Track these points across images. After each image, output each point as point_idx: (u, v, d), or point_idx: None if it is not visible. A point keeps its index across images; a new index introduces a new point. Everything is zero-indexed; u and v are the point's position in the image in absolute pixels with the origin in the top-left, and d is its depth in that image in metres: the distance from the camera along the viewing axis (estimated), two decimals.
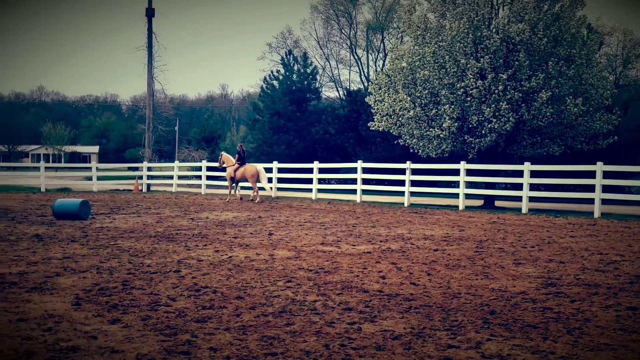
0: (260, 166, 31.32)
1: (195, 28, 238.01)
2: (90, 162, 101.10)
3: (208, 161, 42.77)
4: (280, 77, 55.21)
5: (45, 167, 40.41)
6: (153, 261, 12.65)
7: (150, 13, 44.81)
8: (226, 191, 35.25)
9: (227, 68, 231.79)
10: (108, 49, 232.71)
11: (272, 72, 56.50)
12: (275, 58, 62.30)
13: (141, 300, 9.35)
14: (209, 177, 39.78)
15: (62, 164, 79.06)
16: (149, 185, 41.82)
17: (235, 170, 30.92)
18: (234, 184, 31.73)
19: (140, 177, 41.83)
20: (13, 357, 6.72)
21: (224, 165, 31.56)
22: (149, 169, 42.73)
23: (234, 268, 11.94)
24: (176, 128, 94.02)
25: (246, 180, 31.36)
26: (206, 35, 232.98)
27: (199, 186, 39.56)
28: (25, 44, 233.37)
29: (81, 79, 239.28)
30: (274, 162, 36.18)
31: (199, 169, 41.29)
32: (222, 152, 32.65)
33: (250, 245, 15.04)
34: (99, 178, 42.31)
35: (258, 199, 30.36)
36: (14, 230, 17.56)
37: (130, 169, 62.35)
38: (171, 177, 42.14)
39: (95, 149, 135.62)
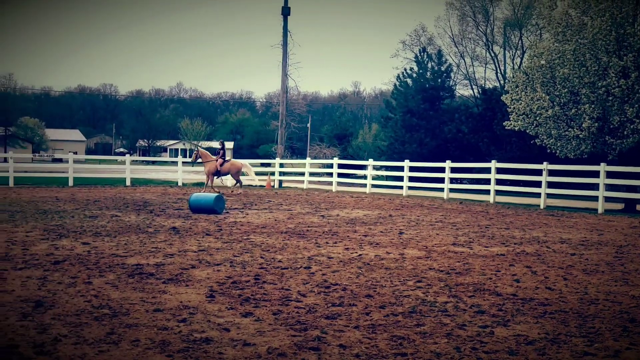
0: (245, 161, 34.03)
1: (329, 26, 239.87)
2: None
3: (340, 158, 42.96)
4: (414, 75, 54.78)
5: (183, 162, 41.69)
6: (284, 257, 12.78)
7: (285, 12, 45.42)
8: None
9: (359, 65, 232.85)
10: (244, 47, 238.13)
11: (405, 69, 56.14)
12: (409, 56, 61.76)
13: (272, 294, 9.44)
14: (340, 175, 39.98)
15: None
16: (280, 182, 42.38)
17: (220, 165, 31.79)
18: (216, 178, 33.06)
19: (273, 173, 42.45)
20: (149, 346, 6.90)
21: (199, 160, 32.34)
22: (281, 165, 43.31)
23: (364, 266, 11.91)
24: (308, 125, 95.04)
25: (227, 174, 32.77)
26: (339, 33, 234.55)
27: (330, 183, 39.77)
28: (166, 43, 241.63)
29: (218, 76, 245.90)
30: (405, 160, 35.95)
31: (330, 166, 41.53)
32: (199, 148, 33.58)
33: (380, 244, 14.98)
34: None
35: (241, 190, 32.67)
36: (152, 223, 18.14)
37: (263, 165, 63.47)
38: (302, 174, 42.60)
39: (229, 144, 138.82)
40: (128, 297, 9.05)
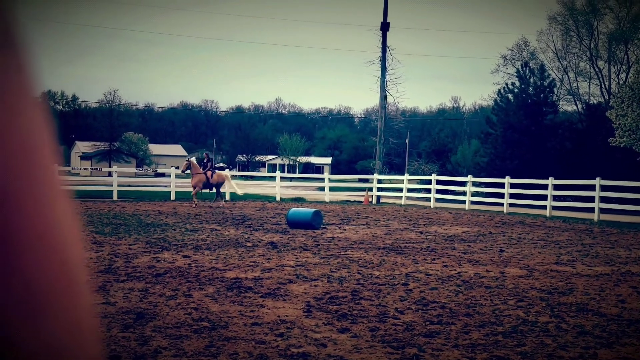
0: (228, 173, 34.05)
1: (428, 40, 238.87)
2: (322, 173, 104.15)
3: (438, 175, 42.55)
4: (515, 90, 53.96)
5: (281, 177, 42.07)
6: (381, 273, 12.71)
7: (384, 27, 45.41)
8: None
9: (459, 80, 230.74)
10: (343, 63, 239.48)
11: (506, 84, 55.38)
12: (510, 70, 60.85)
13: (369, 311, 9.39)
14: (438, 191, 39.58)
15: (296, 174, 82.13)
16: (378, 197, 42.26)
17: (210, 176, 31.14)
18: (209, 190, 32.14)
19: (370, 189, 42.36)
20: (248, 359, 6.95)
21: (188, 172, 31.55)
22: (379, 181, 43.17)
23: (463, 284, 11.73)
24: (406, 141, 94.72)
25: (215, 185, 31.81)
26: (439, 47, 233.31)
27: (428, 199, 39.41)
28: (265, 60, 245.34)
29: (317, 92, 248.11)
30: (506, 177, 35.36)
31: (429, 182, 41.19)
32: (191, 159, 32.74)
33: (480, 262, 14.74)
34: (331, 189, 43.37)
35: (223, 202, 32.10)
36: (251, 237, 18.34)
37: (360, 180, 63.56)
38: (400, 190, 42.36)
39: (327, 160, 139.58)
40: (227, 310, 9.14)
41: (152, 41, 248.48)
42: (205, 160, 31.88)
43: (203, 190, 31.69)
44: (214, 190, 31.94)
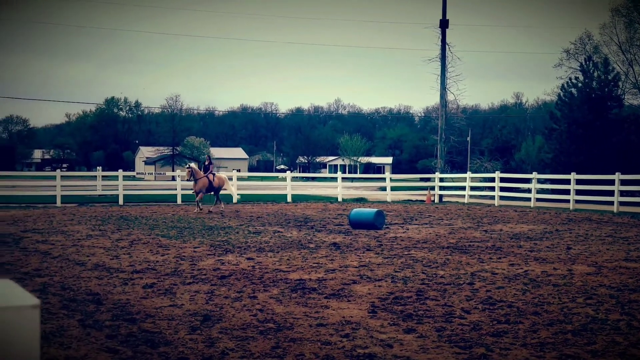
0: (226, 175, 33.09)
1: (488, 36, 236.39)
2: (383, 173, 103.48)
3: (502, 172, 42.01)
4: (579, 85, 53.03)
5: (342, 178, 42.05)
6: (446, 272, 12.61)
7: (444, 25, 45.07)
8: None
9: (521, 76, 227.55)
10: (402, 61, 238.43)
11: (570, 79, 54.45)
12: (573, 65, 59.93)
13: (435, 311, 9.31)
14: (502, 189, 39.09)
15: (357, 175, 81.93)
16: (441, 196, 41.94)
17: (212, 180, 30.00)
18: (210, 193, 31.03)
19: (432, 188, 42.07)
20: None
21: (191, 178, 29.95)
22: (441, 179, 42.87)
23: (530, 282, 11.56)
24: (468, 138, 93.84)
25: (217, 189, 30.69)
26: (499, 43, 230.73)
27: (492, 197, 38.97)
28: (323, 61, 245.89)
29: (376, 91, 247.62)
30: (571, 173, 34.78)
31: (492, 179, 40.71)
32: (191, 164, 31.48)
33: (547, 259, 14.50)
34: (392, 189, 43.17)
35: (222, 206, 30.82)
36: (313, 239, 18.36)
37: (422, 179, 63.16)
38: (463, 188, 41.96)
39: (388, 160, 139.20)
40: (292, 312, 9.16)
41: (212, 46, 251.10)
42: (206, 163, 31.33)
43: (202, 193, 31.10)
44: (221, 194, 31.55)
